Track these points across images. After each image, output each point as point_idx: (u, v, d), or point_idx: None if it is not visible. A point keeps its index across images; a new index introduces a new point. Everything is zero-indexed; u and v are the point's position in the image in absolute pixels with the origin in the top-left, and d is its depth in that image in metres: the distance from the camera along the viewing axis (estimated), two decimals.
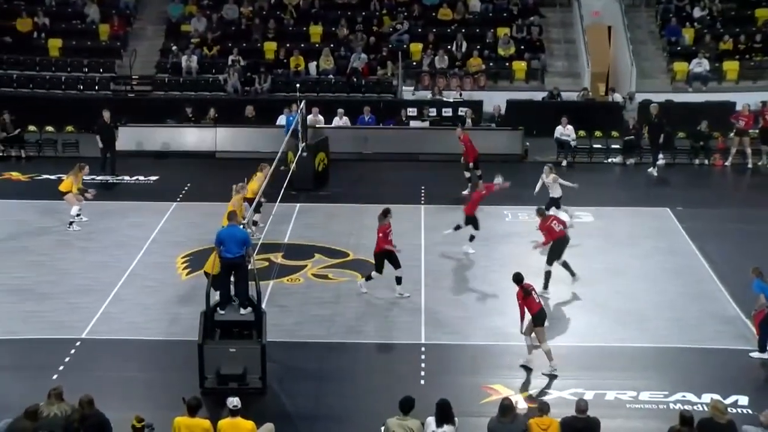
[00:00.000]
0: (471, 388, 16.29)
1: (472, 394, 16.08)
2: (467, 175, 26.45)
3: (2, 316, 18.87)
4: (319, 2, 37.37)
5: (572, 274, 20.41)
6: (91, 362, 17.15)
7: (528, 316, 16.85)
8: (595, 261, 21.84)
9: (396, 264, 19.73)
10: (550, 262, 20.19)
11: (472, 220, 22.17)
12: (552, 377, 16.69)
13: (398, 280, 19.81)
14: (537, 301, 16.89)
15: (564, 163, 30.10)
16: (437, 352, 17.58)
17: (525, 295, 16.78)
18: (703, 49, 34.76)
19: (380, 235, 19.73)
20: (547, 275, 20.13)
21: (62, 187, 23.77)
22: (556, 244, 20.07)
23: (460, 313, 19.28)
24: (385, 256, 19.70)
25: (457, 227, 22.38)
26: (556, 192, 23.40)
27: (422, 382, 16.52)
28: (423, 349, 17.68)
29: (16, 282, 20.53)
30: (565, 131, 30.25)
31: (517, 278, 17.01)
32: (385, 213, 20.06)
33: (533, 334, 16.90)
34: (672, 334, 18.41)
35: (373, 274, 19.87)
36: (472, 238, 22.28)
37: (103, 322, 18.66)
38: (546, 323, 16.98)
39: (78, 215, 23.72)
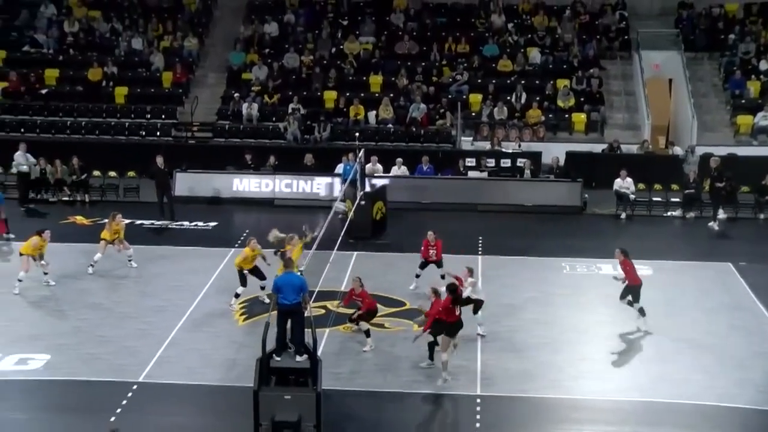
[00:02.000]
0: None
1: None
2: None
3: (64, 357, 19.07)
4: (379, 52, 37.69)
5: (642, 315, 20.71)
6: (148, 406, 17.22)
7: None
8: (656, 315, 21.48)
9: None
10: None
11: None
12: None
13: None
14: (457, 313, 17.97)
15: (623, 216, 29.85)
16: (493, 405, 17.38)
17: (453, 303, 17.88)
18: None
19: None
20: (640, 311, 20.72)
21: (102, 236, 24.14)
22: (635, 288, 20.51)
23: (516, 365, 19.06)
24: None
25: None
26: None
27: None
28: (478, 401, 17.49)
29: (77, 324, 20.77)
30: (624, 184, 30.02)
31: (452, 288, 18.18)
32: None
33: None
34: (738, 394, 17.91)
35: None
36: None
37: (160, 366, 18.75)
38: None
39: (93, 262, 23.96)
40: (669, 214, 30.18)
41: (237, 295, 21.81)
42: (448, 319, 17.93)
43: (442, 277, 22.26)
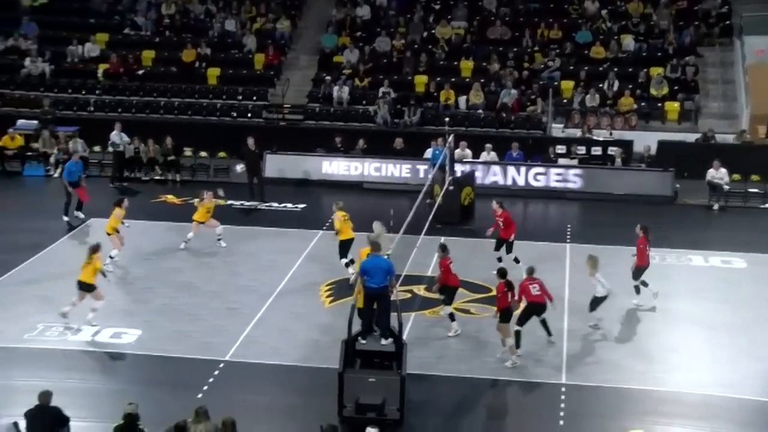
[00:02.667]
0: (613, 431, 15.89)
1: None
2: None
3: (155, 333, 19.50)
4: (471, 37, 37.50)
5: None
6: (233, 384, 17.49)
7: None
8: (748, 309, 21.04)
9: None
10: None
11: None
12: (697, 427, 16.14)
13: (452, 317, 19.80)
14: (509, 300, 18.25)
15: (716, 207, 29.25)
16: (578, 393, 17.24)
17: (507, 289, 18.27)
18: None
19: (442, 269, 19.81)
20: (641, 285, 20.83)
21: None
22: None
23: (603, 355, 18.87)
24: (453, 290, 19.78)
25: None
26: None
27: (561, 423, 16.22)
28: (563, 389, 17.36)
29: (168, 302, 21.16)
30: (718, 174, 29.39)
31: (502, 273, 18.52)
32: (443, 247, 20.09)
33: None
34: None
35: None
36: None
37: (246, 346, 19.01)
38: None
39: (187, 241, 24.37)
40: (767, 206, 29.43)
41: None
42: (501, 304, 18.26)
43: (516, 260, 22.40)
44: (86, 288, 19.53)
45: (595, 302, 19.78)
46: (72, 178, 26.78)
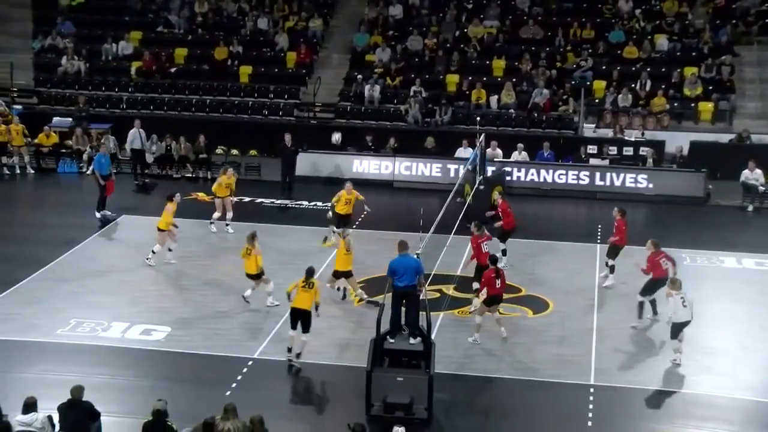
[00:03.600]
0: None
1: None
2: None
3: (184, 331, 19.61)
4: (503, 36, 37.41)
5: (654, 312, 20.06)
6: (261, 382, 17.55)
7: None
8: None
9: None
10: (643, 294, 20.03)
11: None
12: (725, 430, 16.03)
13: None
14: (497, 286, 18.94)
15: (750, 208, 29.01)
16: (606, 394, 17.17)
17: (495, 276, 18.97)
18: None
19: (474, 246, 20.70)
20: (640, 306, 20.01)
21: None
22: (655, 282, 19.79)
23: (632, 356, 18.76)
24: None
25: None
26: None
27: (589, 423, 16.16)
28: (592, 390, 17.30)
29: (198, 299, 21.27)
30: (753, 175, 29.14)
31: (493, 260, 19.53)
32: (479, 226, 21.03)
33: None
34: None
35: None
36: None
37: (275, 344, 19.06)
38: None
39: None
40: None
41: None
42: (489, 291, 19.03)
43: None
44: (253, 278, 20.64)
45: (675, 328, 18.51)
46: (104, 171, 27.00)
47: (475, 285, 20.52)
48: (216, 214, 25.25)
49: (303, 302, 18.04)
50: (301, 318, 18.05)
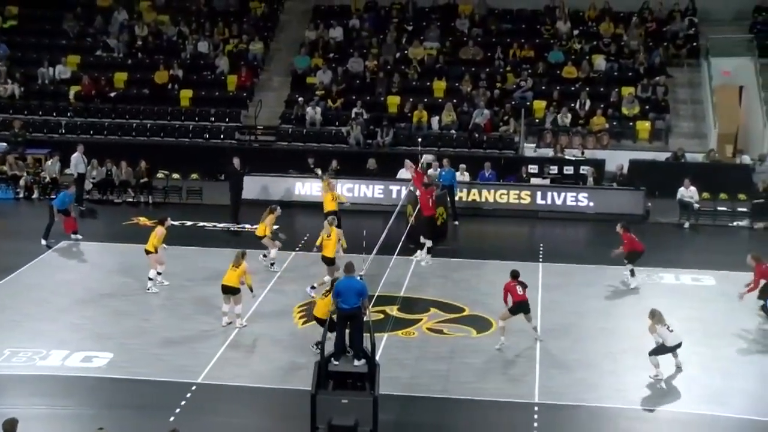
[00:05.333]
0: None
1: None
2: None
3: (127, 357, 19.36)
4: (443, 57, 37.68)
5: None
6: (206, 406, 17.39)
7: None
8: (718, 326, 21.18)
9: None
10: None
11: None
12: None
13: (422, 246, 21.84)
14: (520, 292, 19.75)
15: (686, 225, 29.48)
16: (551, 412, 17.26)
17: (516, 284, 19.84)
18: None
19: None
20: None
21: (258, 233, 24.54)
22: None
23: (575, 374, 18.90)
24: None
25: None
26: None
27: None
28: (536, 408, 17.38)
29: (142, 324, 21.03)
30: (688, 192, 29.63)
31: (514, 274, 19.99)
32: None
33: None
34: None
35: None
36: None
37: (219, 368, 18.92)
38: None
39: (271, 260, 24.59)
40: (735, 224, 29.71)
41: None
42: (514, 297, 19.78)
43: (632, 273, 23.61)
44: (230, 291, 20.76)
45: (663, 350, 18.80)
46: (63, 207, 26.64)
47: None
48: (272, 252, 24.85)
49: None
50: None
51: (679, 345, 18.73)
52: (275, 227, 25.21)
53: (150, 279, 22.94)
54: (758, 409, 17.51)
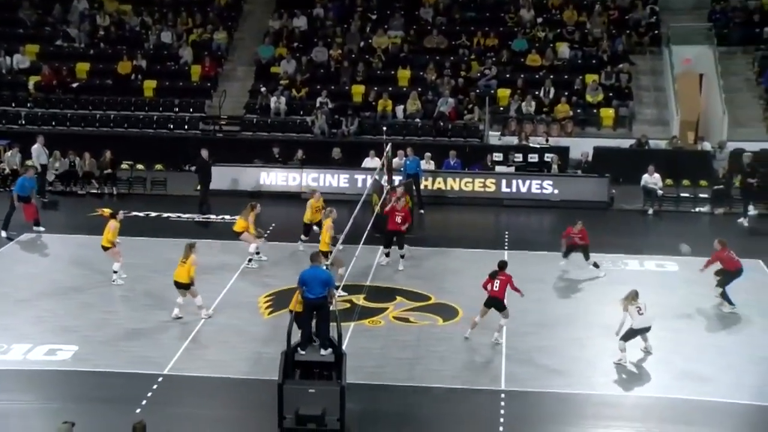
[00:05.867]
0: None
1: None
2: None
3: (92, 349, 19.21)
4: (408, 46, 37.65)
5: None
6: (172, 398, 17.31)
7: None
8: (681, 311, 21.37)
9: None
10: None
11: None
12: (630, 428, 16.36)
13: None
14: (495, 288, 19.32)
15: (650, 211, 29.70)
16: (518, 400, 17.33)
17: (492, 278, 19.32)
18: None
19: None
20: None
21: (236, 228, 24.21)
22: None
23: (542, 361, 19.00)
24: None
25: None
26: None
27: (501, 429, 16.30)
28: (503, 395, 17.46)
29: (106, 316, 20.87)
30: (652, 179, 29.86)
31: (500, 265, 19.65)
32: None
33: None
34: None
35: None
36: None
37: (186, 359, 18.84)
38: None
39: (258, 253, 24.26)
40: (697, 210, 29.99)
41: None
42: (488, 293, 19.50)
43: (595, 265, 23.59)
44: (181, 287, 20.48)
45: (632, 333, 18.92)
46: (24, 192, 26.39)
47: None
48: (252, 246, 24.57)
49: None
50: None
51: (647, 329, 18.85)
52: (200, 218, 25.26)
53: (114, 271, 22.73)
54: (722, 391, 17.70)
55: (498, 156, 32.23)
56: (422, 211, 29.05)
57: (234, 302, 21.82)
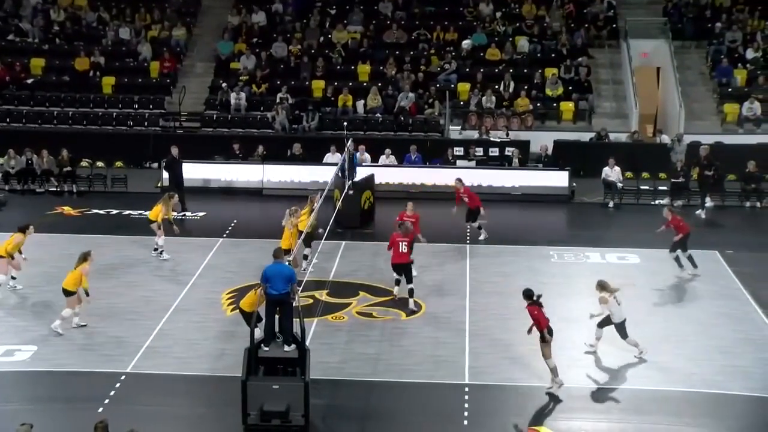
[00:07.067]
0: (515, 430, 16.12)
1: None
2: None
3: (51, 349, 19.00)
4: (367, 41, 37.63)
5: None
6: (136, 396, 17.18)
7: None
8: (642, 303, 21.56)
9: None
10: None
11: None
12: (599, 420, 16.47)
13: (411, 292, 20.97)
14: (546, 316, 17.50)
15: (611, 204, 29.91)
16: (481, 393, 17.40)
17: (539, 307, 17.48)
18: (756, 90, 34.50)
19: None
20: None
21: (151, 216, 24.11)
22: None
23: (505, 354, 19.08)
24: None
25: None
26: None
27: (465, 423, 16.36)
28: (467, 389, 17.51)
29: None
30: (612, 172, 30.07)
31: (527, 294, 17.69)
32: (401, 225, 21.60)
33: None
34: (725, 381, 17.93)
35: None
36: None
37: (148, 357, 18.72)
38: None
39: (159, 249, 24.12)
40: (657, 202, 30.22)
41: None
42: (540, 325, 17.42)
43: (479, 228, 24.59)
44: (66, 294, 19.66)
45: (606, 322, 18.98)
46: None
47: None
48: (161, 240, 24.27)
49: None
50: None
51: (623, 322, 18.79)
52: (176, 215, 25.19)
53: None
54: (675, 382, 17.90)
55: (459, 150, 32.31)
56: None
57: (196, 299, 21.71)
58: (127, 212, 28.35)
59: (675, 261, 23.22)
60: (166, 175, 29.61)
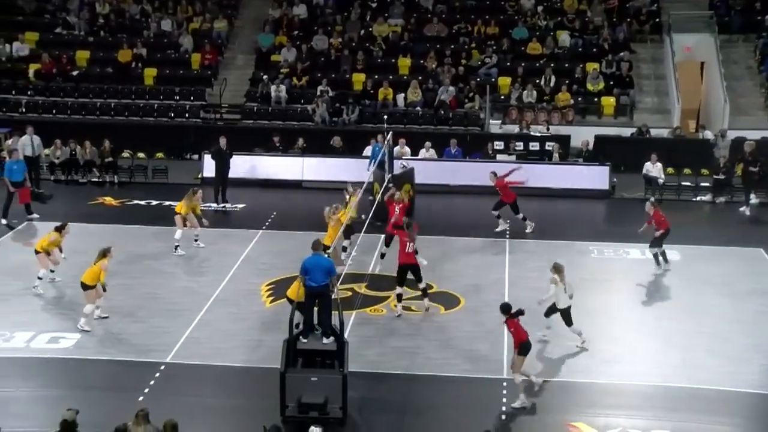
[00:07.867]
0: (553, 425, 16.07)
1: (554, 431, 15.85)
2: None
3: (94, 337, 19.25)
4: (408, 34, 37.59)
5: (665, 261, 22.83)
6: (175, 386, 17.34)
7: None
8: (681, 300, 21.40)
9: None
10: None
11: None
12: (635, 417, 16.38)
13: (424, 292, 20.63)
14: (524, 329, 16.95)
15: (651, 200, 29.62)
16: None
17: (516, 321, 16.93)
18: None
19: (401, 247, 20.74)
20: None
21: (177, 209, 24.31)
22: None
23: (542, 349, 19.01)
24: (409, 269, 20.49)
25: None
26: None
27: (503, 417, 16.33)
28: (505, 384, 17.47)
29: (107, 304, 20.79)
30: (654, 168, 29.82)
31: (505, 308, 17.02)
32: (408, 225, 20.93)
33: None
34: (764, 381, 17.70)
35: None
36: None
37: (188, 347, 18.86)
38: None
39: (195, 239, 24.39)
40: (698, 198, 29.97)
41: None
42: (518, 338, 16.96)
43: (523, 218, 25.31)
44: (84, 288, 19.58)
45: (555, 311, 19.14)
46: (14, 177, 26.29)
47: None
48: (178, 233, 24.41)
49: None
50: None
51: (568, 308, 18.76)
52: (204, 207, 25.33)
53: (39, 278, 21.62)
54: (712, 380, 17.72)
55: (499, 144, 32.19)
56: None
57: (236, 290, 21.83)
58: (167, 203, 28.50)
59: (654, 258, 23.02)
60: (211, 164, 29.71)
